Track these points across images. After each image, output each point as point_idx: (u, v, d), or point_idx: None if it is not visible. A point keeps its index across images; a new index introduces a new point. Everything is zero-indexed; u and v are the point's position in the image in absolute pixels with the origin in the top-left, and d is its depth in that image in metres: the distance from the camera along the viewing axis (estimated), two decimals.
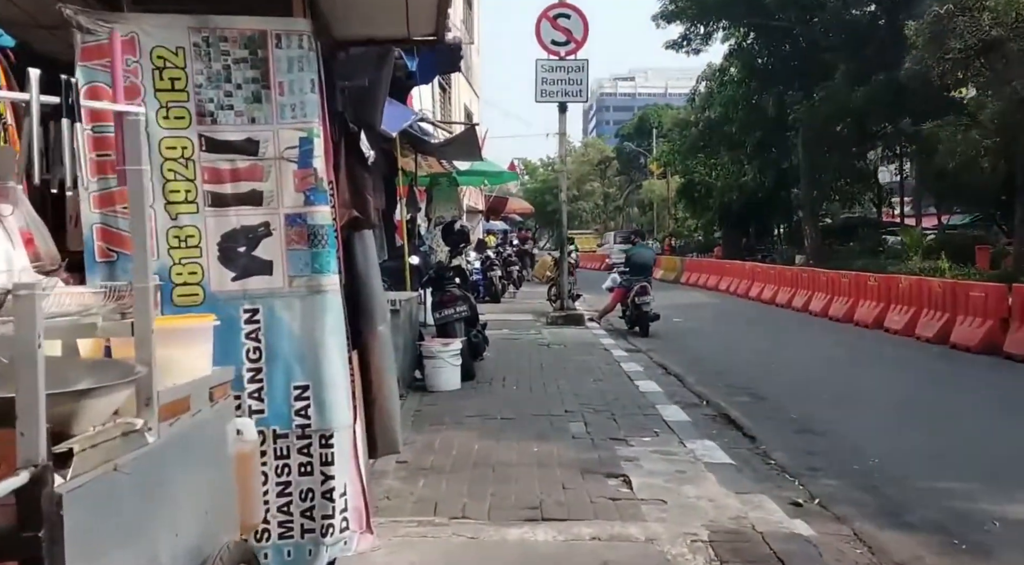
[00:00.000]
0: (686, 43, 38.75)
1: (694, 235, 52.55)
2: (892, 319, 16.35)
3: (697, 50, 39.40)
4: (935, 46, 21.44)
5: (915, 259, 25.81)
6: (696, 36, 38.51)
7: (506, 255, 27.86)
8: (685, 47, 38.93)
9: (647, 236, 50.68)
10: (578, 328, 16.60)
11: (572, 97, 17.37)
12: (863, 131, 33.45)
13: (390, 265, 12.05)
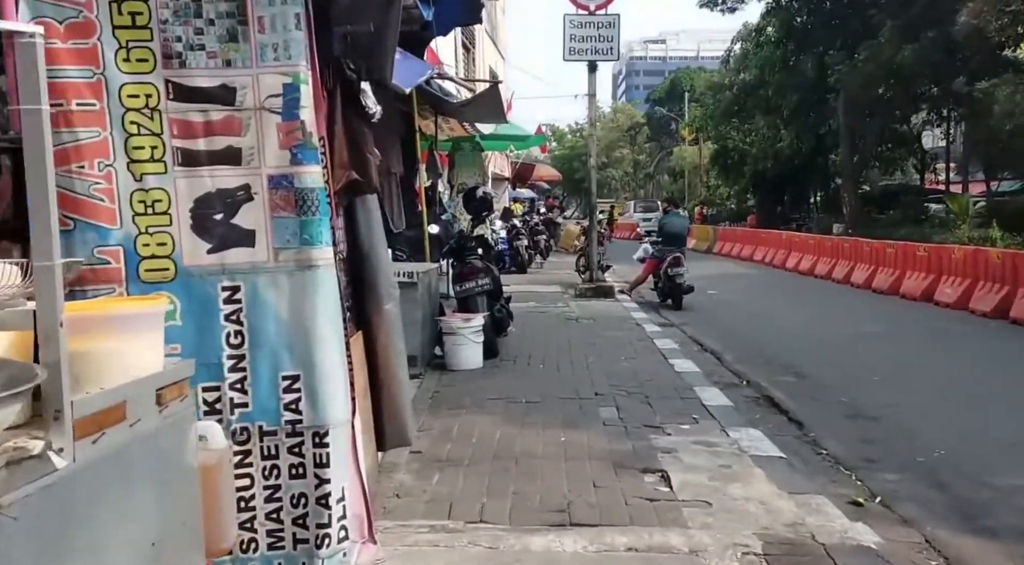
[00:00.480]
0: (721, 1, 37.73)
1: (727, 203, 51.56)
2: (943, 292, 15.60)
3: (732, 8, 38.45)
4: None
5: (963, 228, 24.88)
6: None
7: (533, 224, 27.23)
8: (720, 5, 37.96)
9: (678, 204, 49.88)
10: (608, 301, 15.99)
11: (602, 55, 16.64)
12: (908, 93, 32.31)
13: (409, 234, 11.51)
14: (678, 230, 16.49)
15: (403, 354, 5.24)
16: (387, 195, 11.67)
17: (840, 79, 30.87)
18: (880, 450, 6.78)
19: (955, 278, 15.45)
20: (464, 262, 9.96)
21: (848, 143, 33.29)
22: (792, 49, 37.05)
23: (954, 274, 15.56)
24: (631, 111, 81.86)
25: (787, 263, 24.44)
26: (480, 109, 12.02)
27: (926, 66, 29.14)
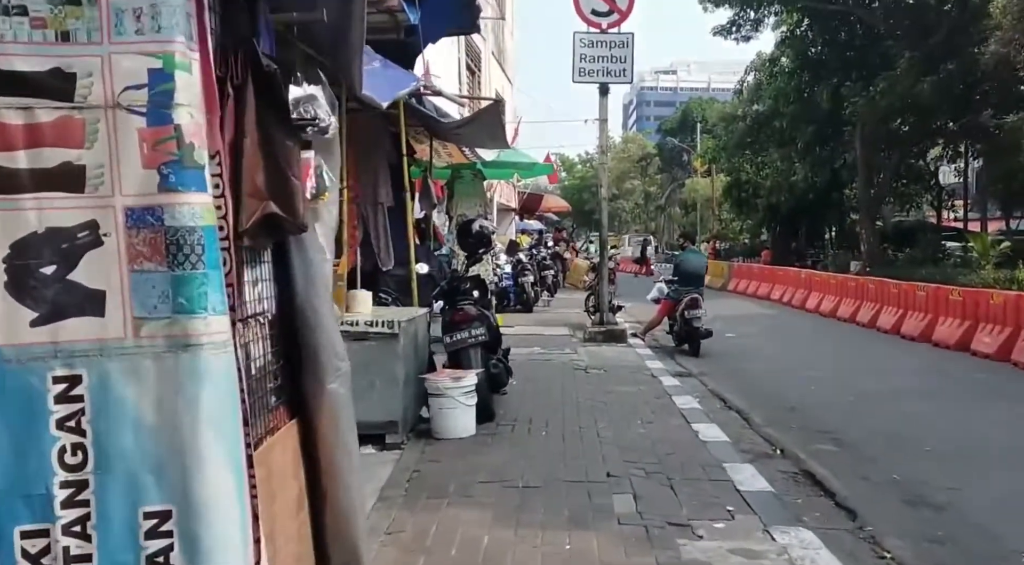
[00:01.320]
0: (735, 29, 36.53)
1: (740, 237, 50.30)
2: (981, 341, 14.22)
3: (747, 37, 37.15)
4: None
5: (988, 269, 23.59)
6: (746, 21, 36.31)
7: (540, 258, 25.92)
8: (734, 33, 36.68)
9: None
10: (620, 346, 14.64)
11: (615, 77, 15.36)
12: (926, 127, 31.14)
13: (399, 273, 10.24)
14: (695, 269, 15.17)
15: (353, 452, 3.94)
16: (373, 228, 10.43)
17: (856, 111, 29.64)
18: (956, 556, 5.46)
19: (994, 326, 14.07)
20: (455, 308, 8.61)
21: (865, 177, 32.02)
22: (807, 80, 35.96)
23: (993, 321, 14.18)
24: (642, 141, 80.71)
25: (807, 303, 23.03)
26: (480, 132, 10.73)
27: (945, 99, 28.03)
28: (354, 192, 9.89)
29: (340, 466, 3.81)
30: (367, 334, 7.48)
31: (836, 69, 34.88)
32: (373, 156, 9.91)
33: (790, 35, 36.61)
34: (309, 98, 3.74)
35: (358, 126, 9.92)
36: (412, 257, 9.52)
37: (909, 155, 33.71)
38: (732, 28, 36.42)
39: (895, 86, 28.08)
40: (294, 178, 3.30)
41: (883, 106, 28.49)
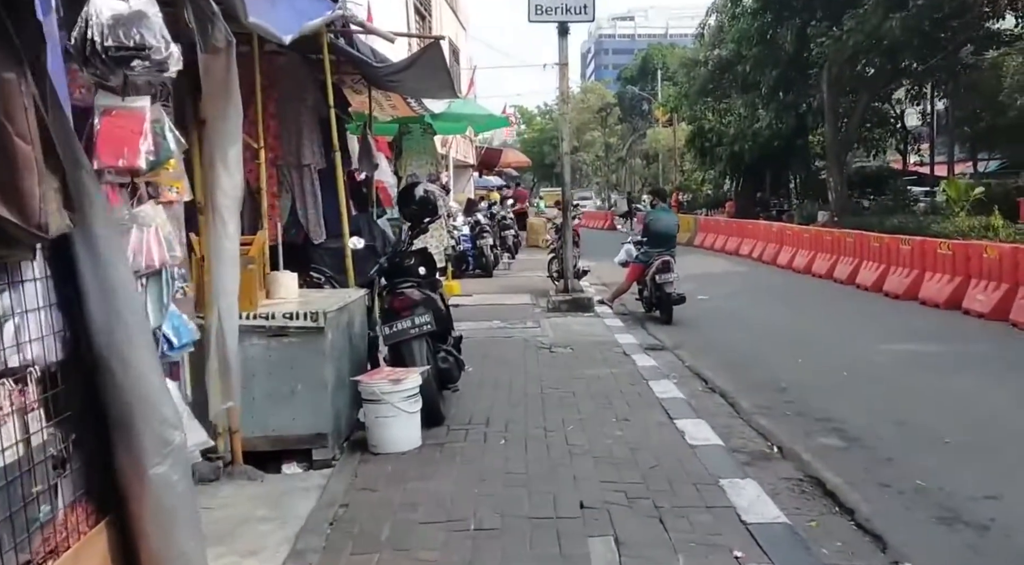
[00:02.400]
0: None
1: (703, 188, 49.05)
2: (975, 298, 13.08)
3: None
4: None
5: (961, 216, 22.61)
6: None
7: (500, 217, 24.55)
8: None
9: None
10: (586, 316, 13.36)
11: (575, 15, 13.85)
12: (894, 67, 29.91)
13: (335, 246, 8.87)
14: (666, 229, 13.90)
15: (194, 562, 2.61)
16: (300, 195, 9.01)
17: (823, 52, 28.33)
18: None
19: (988, 282, 12.94)
20: (395, 292, 7.24)
21: (833, 122, 30.81)
22: (770, 21, 34.49)
23: (987, 278, 13.05)
24: (602, 91, 78.88)
25: (779, 259, 21.85)
26: (423, 78, 9.25)
27: (914, 37, 26.79)
28: (274, 152, 8.49)
29: None
30: (286, 329, 6.16)
31: (801, 9, 33.51)
32: (297, 108, 8.48)
33: None
34: (133, 18, 2.39)
35: (278, 72, 8.51)
36: (345, 229, 8.15)
37: (876, 98, 32.52)
38: None
39: (863, 24, 26.82)
40: (75, 153, 1.94)
41: (851, 46, 27.25)
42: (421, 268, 7.96)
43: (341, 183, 8.22)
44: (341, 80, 10.45)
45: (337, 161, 8.18)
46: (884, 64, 29.36)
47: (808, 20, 32.18)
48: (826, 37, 28.06)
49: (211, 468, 5.88)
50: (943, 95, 33.80)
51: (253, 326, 6.10)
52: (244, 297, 5.99)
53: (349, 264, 8.00)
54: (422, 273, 7.93)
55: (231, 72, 5.28)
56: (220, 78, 5.23)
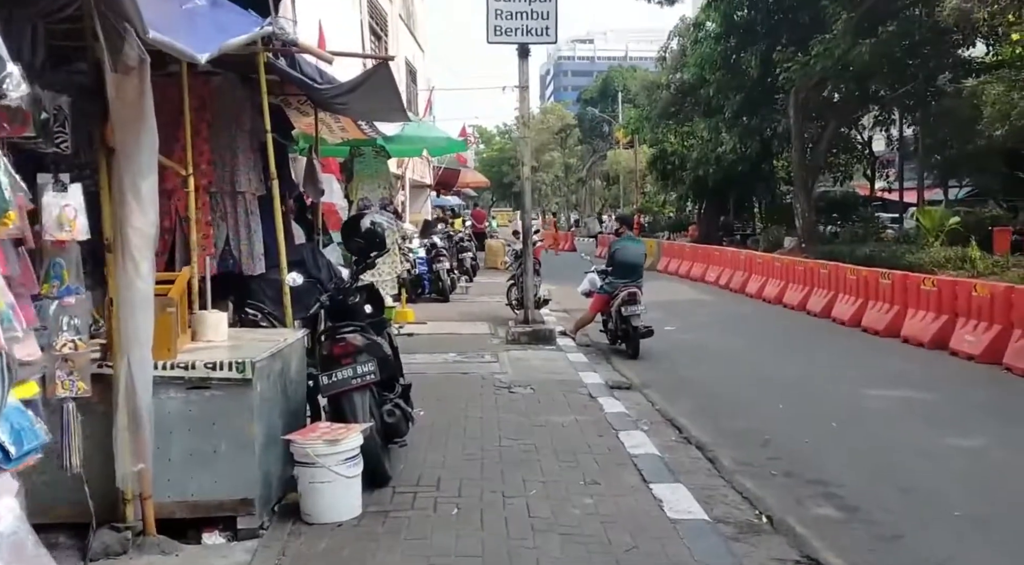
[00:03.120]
0: None
1: (664, 211, 48.66)
2: (963, 339, 12.43)
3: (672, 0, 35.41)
4: None
5: (936, 246, 22.29)
6: None
7: (457, 239, 23.82)
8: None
9: (605, 213, 46.51)
10: (548, 349, 12.61)
11: (536, 36, 13.18)
12: (864, 93, 29.65)
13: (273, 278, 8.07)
14: (633, 259, 13.25)
15: None
16: (233, 225, 8.22)
17: (790, 77, 27.94)
18: None
19: (978, 322, 12.28)
20: (335, 337, 6.45)
21: (800, 148, 30.43)
22: (734, 46, 34.22)
23: (975, 317, 12.40)
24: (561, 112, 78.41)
25: (747, 287, 21.18)
26: (371, 101, 8.49)
27: (884, 63, 26.51)
28: (207, 178, 7.71)
29: None
30: (208, 380, 5.37)
31: (765, 34, 33.28)
32: (232, 132, 7.71)
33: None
34: None
35: (213, 93, 7.74)
36: (283, 263, 7.37)
37: (846, 123, 32.25)
38: None
39: (831, 50, 26.49)
40: None
41: (818, 71, 26.89)
42: (367, 306, 7.21)
43: (278, 212, 7.44)
44: (286, 102, 9.72)
45: (274, 189, 7.41)
46: (853, 90, 29.08)
47: (773, 45, 31.88)
48: (793, 62, 27.68)
49: (118, 539, 5.08)
50: (911, 122, 33.57)
51: (170, 377, 5.34)
52: (161, 344, 5.24)
53: (287, 302, 7.21)
54: (368, 311, 7.19)
55: (145, 94, 4.60)
56: (132, 101, 4.56)
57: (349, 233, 7.62)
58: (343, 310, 7.02)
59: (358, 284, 7.29)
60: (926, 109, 29.77)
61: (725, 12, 34.22)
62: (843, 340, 14.55)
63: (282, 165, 9.50)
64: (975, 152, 30.11)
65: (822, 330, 15.74)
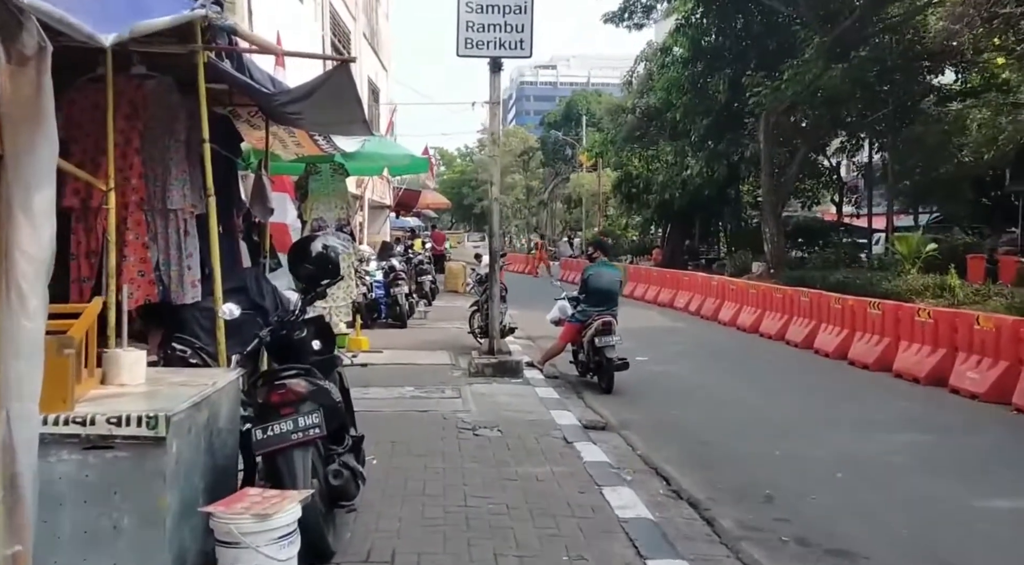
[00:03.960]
0: (627, 16, 34.11)
1: (627, 234, 47.86)
2: (963, 375, 11.53)
3: (640, 24, 34.89)
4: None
5: (913, 273, 21.57)
6: (638, 7, 33.89)
7: (416, 262, 22.74)
8: (625, 20, 34.32)
9: (570, 234, 45.64)
10: (515, 383, 11.55)
11: (509, 50, 12.20)
12: (835, 118, 29.07)
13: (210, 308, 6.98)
14: (608, 285, 12.30)
15: None
16: (164, 247, 7.13)
17: (760, 102, 27.28)
18: None
19: (980, 357, 11.40)
20: (273, 383, 5.38)
21: (769, 172, 29.73)
22: (701, 70, 33.71)
23: (977, 352, 11.52)
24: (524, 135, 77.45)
25: (720, 315, 20.27)
26: (328, 109, 7.40)
27: (856, 88, 25.94)
28: (139, 194, 6.63)
29: None
30: (111, 439, 4.31)
31: (732, 59, 32.85)
32: (166, 143, 6.64)
33: (684, 22, 34.32)
34: None
35: (146, 98, 6.68)
36: (217, 290, 6.30)
37: (814, 148, 31.68)
38: (623, 15, 34.07)
39: (802, 75, 25.88)
40: None
41: (789, 95, 26.25)
42: (315, 342, 6.16)
43: (215, 233, 6.36)
44: (236, 113, 8.66)
45: (211, 206, 6.35)
46: (823, 115, 28.50)
47: (741, 70, 31.49)
48: (763, 86, 27.04)
49: None
50: (879, 148, 33.13)
51: (63, 435, 4.26)
52: (54, 394, 4.15)
53: (220, 337, 6.14)
54: (316, 348, 6.15)
55: (43, 90, 3.52)
56: (27, 97, 3.49)
57: (298, 258, 6.56)
58: (287, 346, 5.97)
59: (305, 316, 6.24)
60: (896, 135, 29.28)
61: (693, 37, 33.95)
62: (830, 374, 13.64)
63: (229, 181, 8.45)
64: (944, 178, 29.83)
65: (806, 362, 14.82)
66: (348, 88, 6.69)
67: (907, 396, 11.84)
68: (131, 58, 6.45)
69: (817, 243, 33.49)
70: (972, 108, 19.95)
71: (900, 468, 8.19)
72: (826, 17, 27.59)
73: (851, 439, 9.29)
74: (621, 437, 9.13)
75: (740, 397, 11.79)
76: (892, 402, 11.48)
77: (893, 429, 9.89)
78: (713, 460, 8.40)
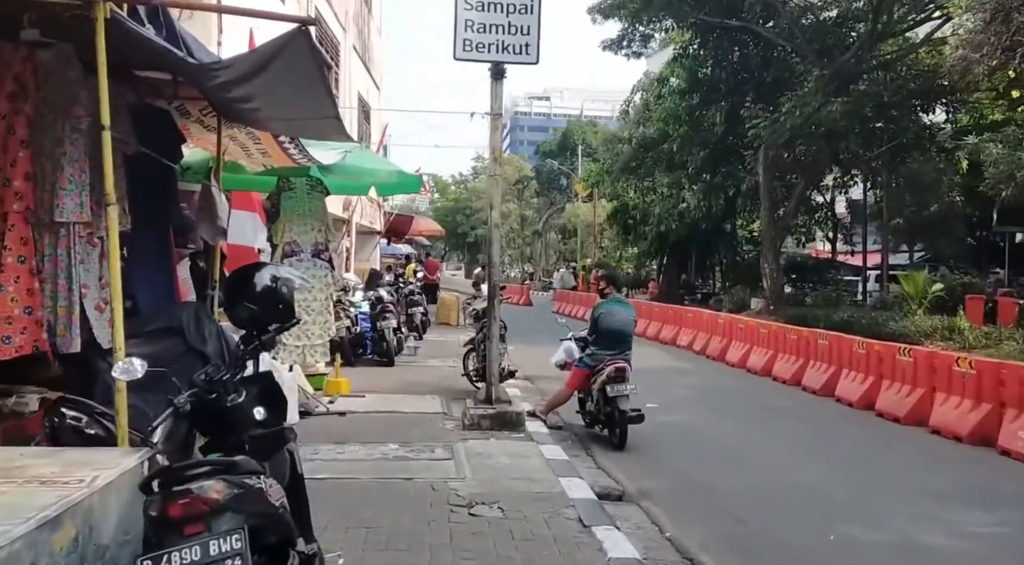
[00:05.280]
0: (626, 44, 32.68)
1: (622, 266, 46.05)
2: (1015, 435, 9.70)
3: (638, 53, 33.63)
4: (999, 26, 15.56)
5: (920, 314, 19.95)
6: (636, 36, 32.49)
7: (407, 292, 20.87)
8: (624, 49, 32.94)
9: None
10: (516, 439, 9.61)
11: (514, 55, 10.35)
12: (834, 152, 27.56)
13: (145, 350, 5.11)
14: (621, 326, 10.44)
15: None
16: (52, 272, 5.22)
17: (759, 134, 25.68)
18: None
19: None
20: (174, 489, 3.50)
21: (769, 206, 28.07)
22: (698, 102, 32.29)
23: None
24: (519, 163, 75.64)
25: (728, 355, 18.38)
26: (289, 97, 5.47)
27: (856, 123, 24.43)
28: (25, 201, 4.79)
29: None
30: None
31: (729, 92, 31.46)
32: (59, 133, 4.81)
33: (682, 53, 32.96)
34: None
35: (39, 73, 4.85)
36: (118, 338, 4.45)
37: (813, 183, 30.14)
38: (622, 43, 32.65)
39: (802, 108, 24.33)
40: None
41: (788, 128, 24.67)
42: (258, 409, 4.34)
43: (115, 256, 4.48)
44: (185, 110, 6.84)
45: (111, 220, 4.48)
46: (822, 149, 26.97)
47: (737, 103, 30.14)
48: (761, 118, 25.48)
49: None
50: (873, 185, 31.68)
51: None
52: None
53: (120, 405, 4.26)
54: (259, 418, 4.32)
55: None
56: None
57: (235, 294, 4.71)
58: (218, 415, 4.16)
59: (244, 373, 4.40)
60: (892, 171, 27.82)
61: (690, 68, 32.85)
62: (861, 428, 11.70)
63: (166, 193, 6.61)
64: (937, 217, 28.62)
65: (830, 413, 12.89)
66: (310, 65, 4.83)
67: (954, 458, 9.96)
68: (19, 20, 4.63)
69: (812, 280, 31.93)
70: (989, 142, 18.28)
71: (979, 560, 6.37)
72: (822, 52, 26.43)
73: (910, 518, 7.41)
74: (643, 511, 7.35)
75: (768, 456, 9.89)
76: (942, 467, 9.60)
77: (954, 504, 8.00)
78: (756, 547, 6.58)
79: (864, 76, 26.29)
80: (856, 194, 34.06)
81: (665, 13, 30.14)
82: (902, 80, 25.72)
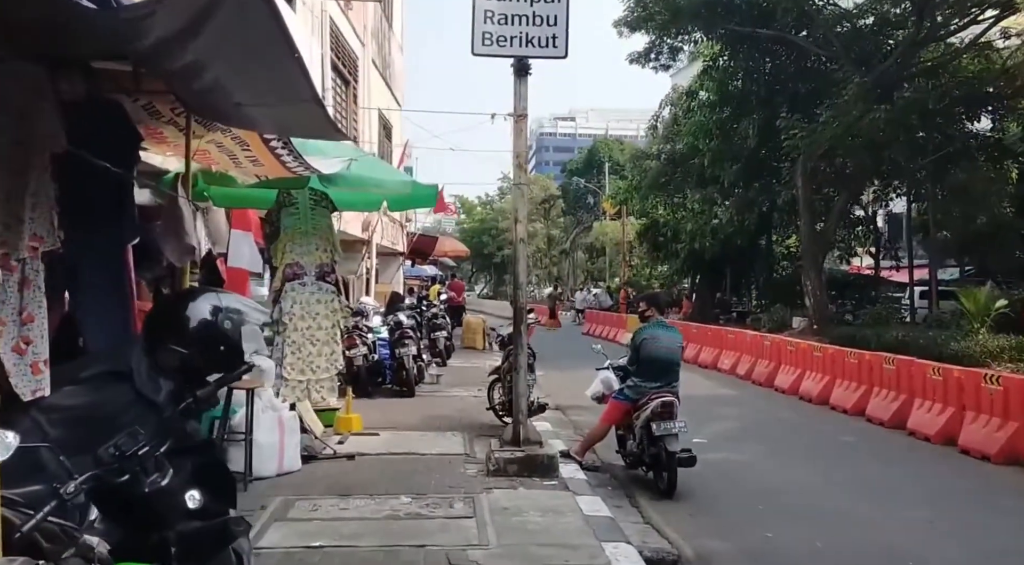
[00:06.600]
0: (654, 56, 31.41)
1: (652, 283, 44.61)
2: None
3: (666, 65, 32.31)
4: None
5: (983, 333, 18.28)
6: (665, 48, 31.26)
7: (430, 316, 19.57)
8: (652, 61, 31.64)
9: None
10: (547, 487, 8.22)
11: (539, 47, 9.03)
12: (877, 164, 26.05)
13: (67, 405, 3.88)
14: (666, 354, 9.07)
15: None
16: None
17: (796, 145, 24.25)
18: None
19: None
20: None
21: (809, 220, 26.59)
22: (729, 114, 30.98)
23: None
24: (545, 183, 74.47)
25: (777, 380, 16.91)
26: (244, 60, 4.10)
27: (900, 132, 22.97)
28: None
29: None
30: None
31: (760, 104, 30.06)
32: None
33: (711, 66, 31.68)
34: None
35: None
36: None
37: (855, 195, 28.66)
38: (649, 55, 31.37)
39: (842, 117, 22.92)
40: None
41: (827, 138, 23.24)
42: (192, 495, 3.08)
43: None
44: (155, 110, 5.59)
45: None
46: (863, 160, 25.48)
47: (770, 114, 28.72)
48: (798, 129, 24.08)
49: None
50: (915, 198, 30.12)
51: None
52: None
53: None
54: (193, 506, 3.06)
55: None
56: None
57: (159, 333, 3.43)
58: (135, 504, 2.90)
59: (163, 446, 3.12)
60: (938, 183, 26.29)
61: (720, 81, 31.53)
62: (946, 469, 10.19)
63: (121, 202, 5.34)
64: (985, 230, 26.96)
65: (902, 448, 11.37)
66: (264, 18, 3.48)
67: None
68: None
69: (853, 298, 30.34)
70: None
71: None
72: (860, 59, 25.05)
73: None
74: None
75: (848, 508, 8.36)
76: None
77: None
78: None
79: (905, 84, 24.95)
80: (895, 208, 32.54)
81: (694, 25, 28.92)
82: (946, 87, 24.29)
